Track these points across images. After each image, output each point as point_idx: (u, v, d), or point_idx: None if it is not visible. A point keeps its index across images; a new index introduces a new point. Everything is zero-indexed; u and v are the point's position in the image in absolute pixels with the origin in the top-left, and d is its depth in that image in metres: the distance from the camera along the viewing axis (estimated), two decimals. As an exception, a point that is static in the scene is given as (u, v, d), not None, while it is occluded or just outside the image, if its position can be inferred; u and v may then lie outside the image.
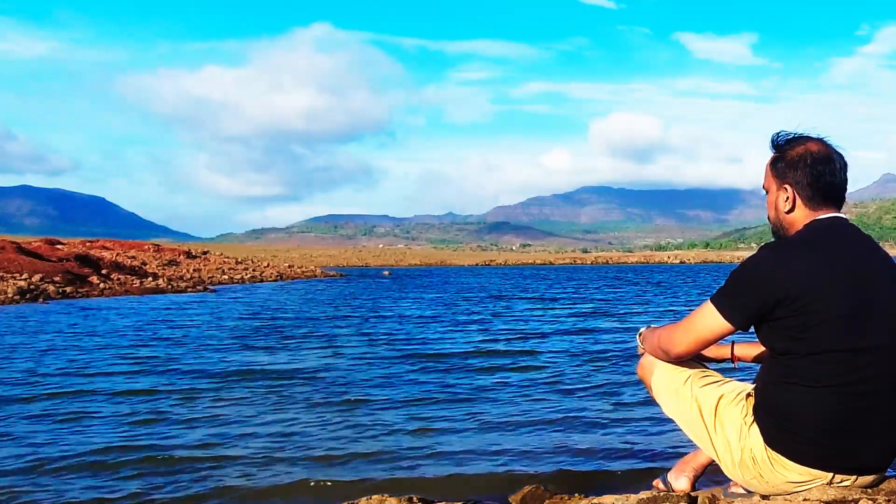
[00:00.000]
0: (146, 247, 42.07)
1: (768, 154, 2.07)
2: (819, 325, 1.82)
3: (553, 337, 9.57)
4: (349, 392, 5.47)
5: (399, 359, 7.44)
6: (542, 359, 7.37)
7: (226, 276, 33.32)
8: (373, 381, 6.05)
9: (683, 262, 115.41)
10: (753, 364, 2.33)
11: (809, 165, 1.96)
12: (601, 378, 6.00)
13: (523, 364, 6.99)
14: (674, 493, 2.21)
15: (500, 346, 8.59)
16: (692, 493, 2.23)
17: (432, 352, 8.06)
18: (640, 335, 2.33)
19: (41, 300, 17.79)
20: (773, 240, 2.04)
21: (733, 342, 2.34)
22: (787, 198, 1.99)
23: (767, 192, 2.06)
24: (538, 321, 12.28)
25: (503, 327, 11.12)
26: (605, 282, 32.87)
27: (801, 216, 1.98)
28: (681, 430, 2.19)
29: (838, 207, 2.00)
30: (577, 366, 6.79)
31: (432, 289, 26.81)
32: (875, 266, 1.91)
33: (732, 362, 2.37)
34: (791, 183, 1.98)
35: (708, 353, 2.30)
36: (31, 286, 18.78)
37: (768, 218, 2.09)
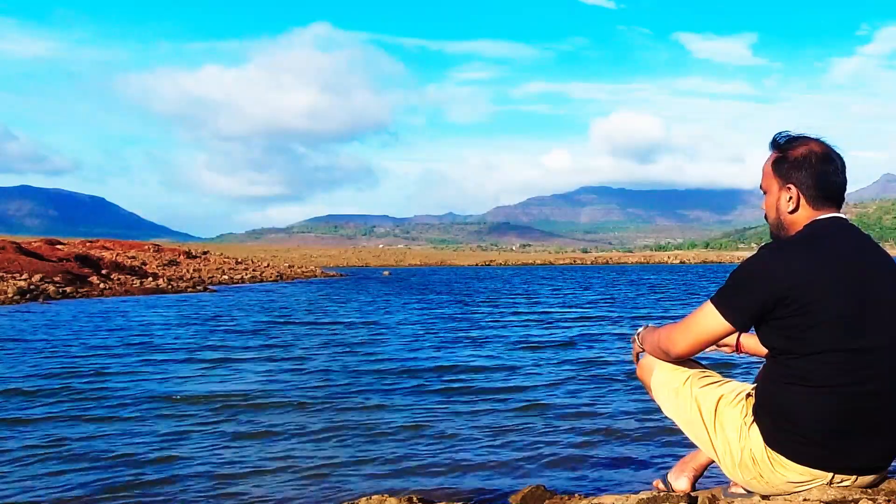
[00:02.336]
0: (146, 247, 42.08)
1: (769, 154, 2.07)
2: (819, 325, 1.82)
3: (556, 339, 9.57)
4: (346, 401, 5.43)
5: (395, 368, 7.43)
6: (543, 361, 7.37)
7: (226, 277, 33.33)
8: (371, 388, 6.04)
9: (683, 263, 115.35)
10: (755, 363, 2.32)
11: (813, 165, 1.96)
12: (601, 380, 6.00)
13: (523, 366, 6.99)
14: (674, 493, 2.20)
15: (501, 350, 8.59)
16: (692, 493, 2.23)
17: (430, 364, 8.05)
18: (637, 335, 2.32)
19: (41, 300, 17.79)
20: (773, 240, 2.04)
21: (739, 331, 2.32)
22: (791, 198, 1.98)
23: (766, 193, 2.05)
24: (546, 325, 12.29)
25: (512, 331, 11.13)
26: (607, 281, 32.85)
27: (804, 216, 1.98)
28: (681, 430, 2.19)
29: (838, 207, 2.00)
30: (577, 368, 6.79)
31: (433, 291, 26.79)
32: (875, 266, 1.91)
33: (738, 353, 2.36)
34: (795, 183, 1.97)
35: None
36: (31, 286, 18.77)
37: (766, 217, 2.08)
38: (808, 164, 1.96)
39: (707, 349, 2.31)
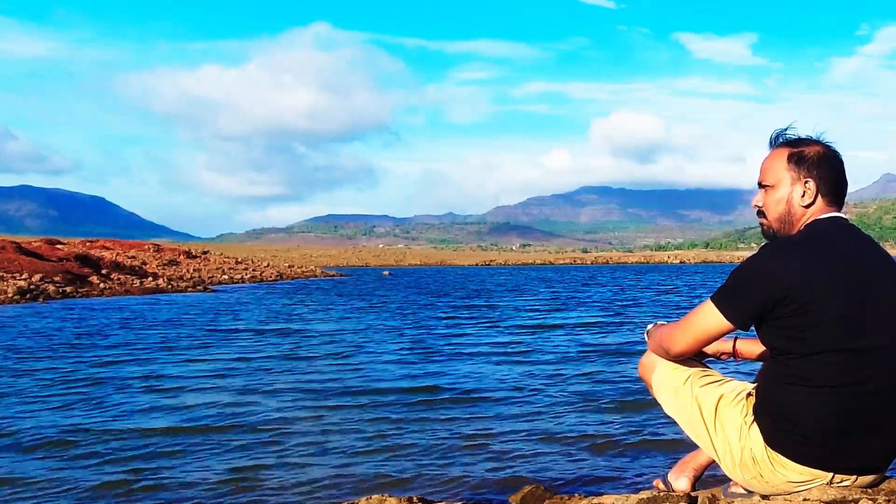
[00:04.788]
0: (146, 247, 42.07)
1: (772, 150, 2.06)
2: (819, 324, 1.82)
3: (560, 334, 9.56)
4: (342, 407, 5.43)
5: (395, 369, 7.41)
6: (543, 359, 7.37)
7: (226, 276, 33.33)
8: (366, 395, 6.04)
9: (683, 262, 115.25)
10: (755, 363, 2.32)
11: (831, 163, 2.00)
12: (602, 379, 5.99)
13: (522, 366, 6.98)
14: (674, 493, 2.20)
15: (501, 354, 8.58)
16: (692, 493, 2.23)
17: (427, 369, 8.02)
18: (646, 333, 2.32)
19: (41, 300, 17.79)
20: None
21: (736, 336, 2.33)
22: (806, 192, 1.99)
23: (771, 187, 2.04)
24: (547, 330, 12.27)
25: (512, 334, 11.11)
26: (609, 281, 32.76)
27: (816, 211, 1.99)
28: (681, 429, 2.19)
29: (840, 208, 2.02)
30: (579, 363, 6.79)
31: (434, 293, 26.74)
32: (875, 266, 1.91)
33: (735, 358, 2.36)
34: (815, 178, 1.99)
35: (709, 347, 2.29)
36: (31, 286, 18.77)
37: (760, 212, 2.08)
38: (826, 162, 2.00)
39: (707, 359, 2.31)
